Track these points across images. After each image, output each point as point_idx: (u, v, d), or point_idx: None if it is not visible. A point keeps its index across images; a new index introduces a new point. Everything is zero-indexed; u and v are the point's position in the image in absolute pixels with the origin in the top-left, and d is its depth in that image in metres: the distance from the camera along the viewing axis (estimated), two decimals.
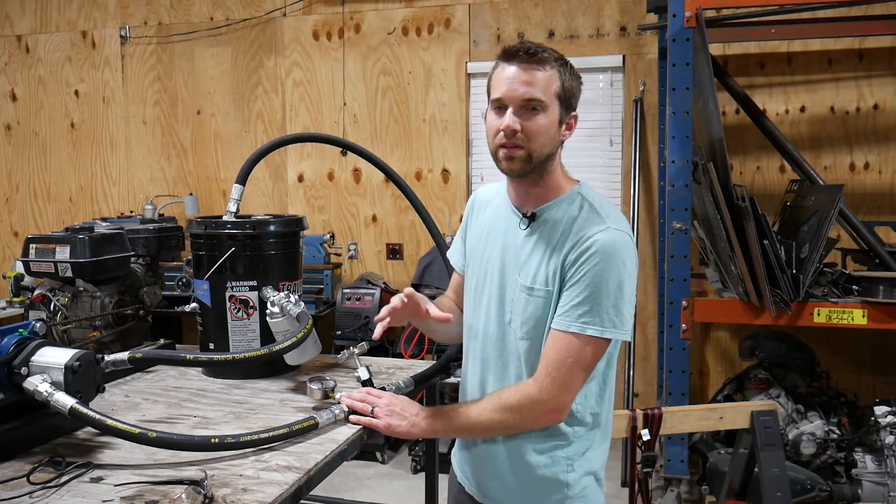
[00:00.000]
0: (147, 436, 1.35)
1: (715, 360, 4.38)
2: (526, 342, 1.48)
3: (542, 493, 1.51)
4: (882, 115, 4.10)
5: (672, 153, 3.09)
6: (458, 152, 4.67)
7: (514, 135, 1.42)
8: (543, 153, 1.45)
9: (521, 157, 1.44)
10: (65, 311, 2.17)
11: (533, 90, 1.41)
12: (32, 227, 5.37)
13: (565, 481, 1.50)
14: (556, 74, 1.44)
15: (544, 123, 1.43)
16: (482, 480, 1.60)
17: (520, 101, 1.42)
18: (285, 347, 1.68)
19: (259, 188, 4.98)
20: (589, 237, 1.40)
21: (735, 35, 3.76)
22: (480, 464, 1.59)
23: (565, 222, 1.46)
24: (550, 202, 1.50)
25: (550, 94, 1.43)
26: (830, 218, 2.98)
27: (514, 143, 1.43)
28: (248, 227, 1.98)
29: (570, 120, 1.49)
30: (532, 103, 1.42)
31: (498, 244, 1.56)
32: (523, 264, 1.50)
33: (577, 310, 1.39)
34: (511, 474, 1.53)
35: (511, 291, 1.51)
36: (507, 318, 1.51)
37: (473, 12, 4.59)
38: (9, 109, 5.38)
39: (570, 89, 1.46)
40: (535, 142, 1.43)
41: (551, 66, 1.44)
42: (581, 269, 1.40)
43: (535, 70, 1.42)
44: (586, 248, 1.40)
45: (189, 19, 5.03)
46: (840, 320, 2.98)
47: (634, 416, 2.33)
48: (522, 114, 1.42)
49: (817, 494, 3.05)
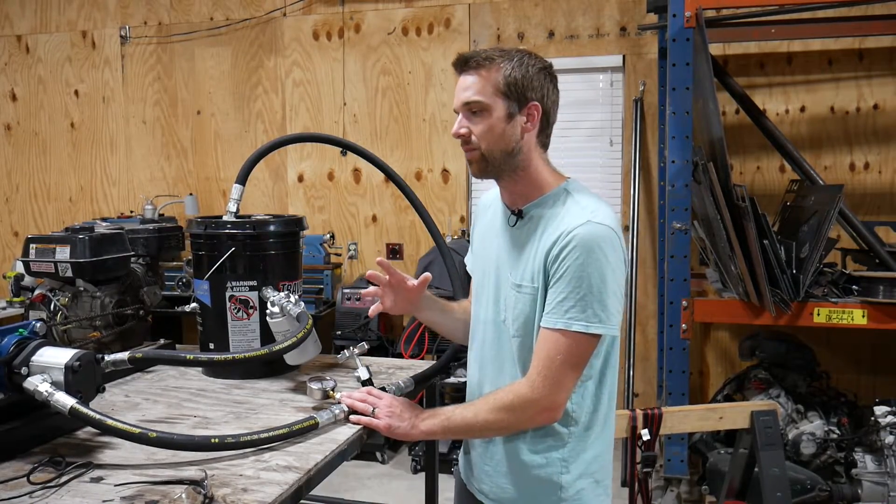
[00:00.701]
0: (147, 436, 1.35)
1: (715, 360, 4.38)
2: (517, 339, 1.49)
3: (537, 494, 1.51)
4: (882, 115, 4.10)
5: (672, 153, 3.09)
6: (458, 152, 4.65)
7: (467, 139, 1.47)
8: (497, 151, 1.46)
9: (476, 159, 1.48)
10: (65, 311, 2.17)
11: (469, 94, 1.46)
12: (32, 227, 5.37)
13: (559, 483, 1.50)
14: (499, 71, 1.44)
15: (489, 123, 1.45)
16: (482, 481, 1.61)
17: (462, 108, 1.48)
18: (285, 347, 1.68)
19: (259, 188, 4.98)
20: (569, 232, 1.40)
21: (735, 35, 3.76)
22: (480, 464, 1.60)
23: (548, 218, 1.47)
24: (536, 200, 1.51)
25: (489, 93, 1.44)
26: (830, 218, 2.98)
27: (470, 147, 1.48)
28: (248, 227, 1.98)
29: (527, 111, 1.46)
30: (472, 106, 1.46)
31: (494, 244, 1.58)
32: (513, 262, 1.51)
33: (562, 306, 1.39)
34: (507, 475, 1.54)
35: (504, 290, 1.52)
36: (502, 317, 1.53)
37: (473, 12, 4.59)
38: (9, 109, 5.38)
39: (519, 80, 1.44)
40: (484, 142, 1.46)
41: (490, 65, 1.44)
42: (563, 264, 1.39)
43: (472, 74, 1.46)
44: (566, 242, 1.39)
45: (189, 19, 5.03)
46: (840, 320, 2.98)
47: (634, 416, 2.33)
48: (469, 118, 1.47)
49: (817, 494, 3.04)
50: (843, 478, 3.14)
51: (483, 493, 1.61)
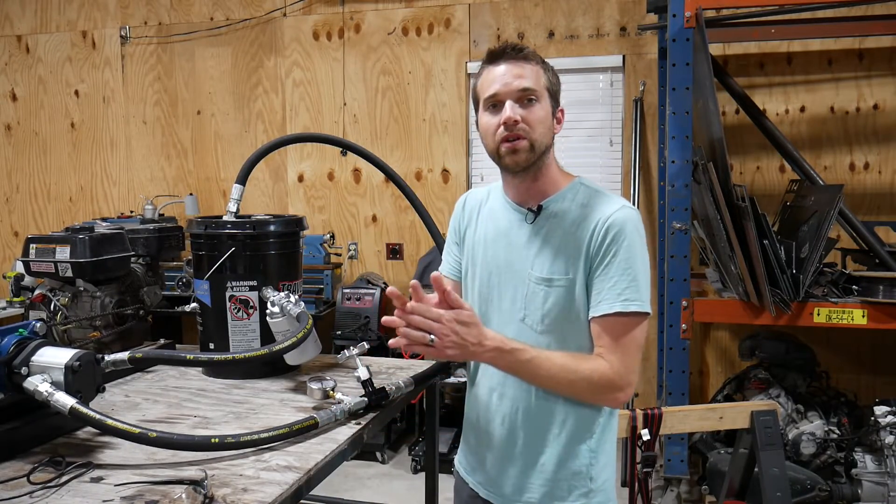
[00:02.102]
0: (147, 436, 1.35)
1: (715, 360, 4.38)
2: (548, 336, 1.47)
3: (570, 488, 1.50)
4: (882, 115, 4.10)
5: (672, 153, 3.09)
6: (458, 152, 4.68)
7: (516, 125, 1.43)
8: (544, 143, 1.47)
9: (524, 148, 1.45)
10: (65, 311, 2.17)
11: (526, 82, 1.45)
12: (32, 227, 5.37)
13: (589, 474, 1.51)
14: (542, 69, 1.48)
15: (542, 114, 1.46)
16: (502, 485, 1.56)
17: (516, 94, 1.44)
18: (285, 347, 1.68)
19: (259, 188, 4.98)
20: (607, 218, 1.43)
21: (735, 35, 3.75)
22: (500, 468, 1.56)
23: (574, 211, 1.48)
24: (554, 195, 1.51)
25: (541, 85, 1.47)
26: (830, 218, 2.98)
27: (517, 135, 1.44)
28: (248, 227, 1.98)
29: (558, 114, 1.52)
30: (528, 93, 1.45)
31: (501, 243, 1.56)
32: (535, 257, 1.49)
33: (614, 290, 1.41)
34: (537, 474, 1.52)
35: (523, 287, 1.50)
36: (521, 315, 1.50)
37: (473, 12, 4.59)
38: (9, 109, 5.38)
39: (555, 84, 1.51)
40: (536, 131, 1.45)
41: (536, 61, 1.48)
42: (609, 250, 1.42)
43: (524, 64, 1.46)
44: (607, 228, 1.42)
45: (189, 19, 5.03)
46: (840, 320, 2.98)
47: (634, 415, 2.33)
48: (520, 105, 1.45)
49: (817, 494, 3.04)
50: (843, 478, 3.14)
51: (504, 496, 1.56)
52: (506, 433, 1.54)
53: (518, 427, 1.53)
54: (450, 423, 4.04)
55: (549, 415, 1.51)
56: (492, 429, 1.57)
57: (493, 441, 1.57)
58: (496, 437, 1.56)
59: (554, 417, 1.50)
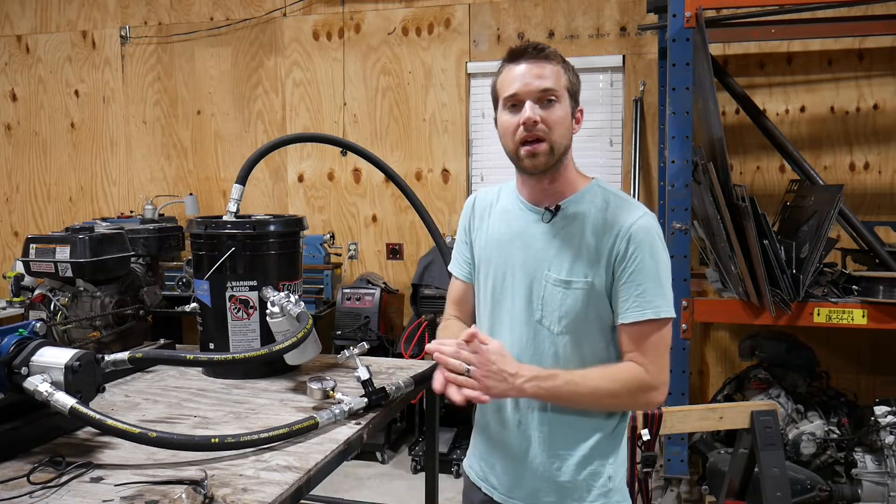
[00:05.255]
0: (147, 436, 1.35)
1: (715, 360, 4.38)
2: (565, 337, 1.47)
3: (589, 488, 1.50)
4: (882, 115, 4.10)
5: (672, 153, 3.09)
6: (458, 152, 4.68)
7: (535, 126, 1.42)
8: (563, 144, 1.47)
9: (544, 151, 1.44)
10: (65, 311, 2.17)
11: (548, 82, 1.44)
12: (32, 227, 5.37)
13: (607, 473, 1.51)
14: (562, 69, 1.47)
15: (561, 114, 1.45)
16: (517, 489, 1.55)
17: (536, 94, 1.43)
18: (285, 347, 1.68)
19: (259, 188, 4.98)
20: (630, 226, 1.43)
21: (735, 35, 3.75)
22: (517, 472, 1.55)
23: (594, 214, 1.48)
24: (571, 197, 1.51)
25: (562, 86, 1.46)
26: (830, 218, 2.98)
27: (536, 136, 1.43)
28: (248, 227, 1.98)
29: (577, 114, 1.52)
30: (548, 94, 1.44)
31: (516, 243, 1.54)
32: (553, 259, 1.48)
33: (644, 297, 1.42)
34: (555, 477, 1.51)
35: (539, 288, 1.49)
36: (537, 316, 1.49)
37: (473, 12, 4.59)
38: (9, 109, 5.38)
39: (575, 84, 1.50)
40: (555, 132, 1.44)
41: (557, 61, 1.47)
42: (634, 258, 1.42)
43: (545, 64, 1.45)
44: (630, 236, 1.43)
45: (189, 19, 5.03)
46: (840, 320, 2.98)
47: (634, 415, 2.33)
48: (540, 106, 1.44)
49: (817, 494, 3.04)
50: (843, 478, 3.14)
51: (522, 499, 1.55)
52: (522, 438, 1.53)
53: (535, 431, 1.52)
54: (450, 423, 4.04)
55: (565, 418, 1.50)
56: (506, 434, 1.55)
57: (508, 446, 1.56)
58: (511, 443, 1.55)
59: (570, 420, 1.50)
